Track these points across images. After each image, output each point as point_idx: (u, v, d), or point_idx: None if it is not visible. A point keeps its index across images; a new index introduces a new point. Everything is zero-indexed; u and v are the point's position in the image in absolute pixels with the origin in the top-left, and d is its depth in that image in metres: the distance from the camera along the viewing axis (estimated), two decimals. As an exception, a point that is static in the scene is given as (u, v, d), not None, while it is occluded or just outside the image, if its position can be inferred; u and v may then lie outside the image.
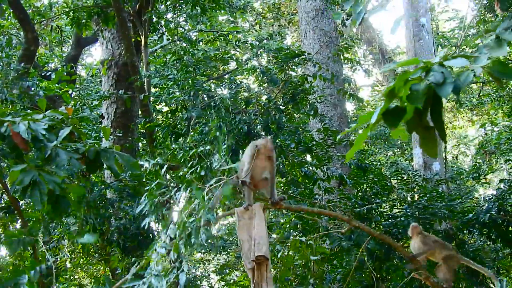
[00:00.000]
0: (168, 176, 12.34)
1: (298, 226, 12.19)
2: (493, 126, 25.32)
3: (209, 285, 24.39)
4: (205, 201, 6.60)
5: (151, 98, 14.67)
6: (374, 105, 32.26)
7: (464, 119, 30.76)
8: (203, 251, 21.17)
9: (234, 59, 16.90)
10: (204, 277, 24.78)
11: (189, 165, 7.14)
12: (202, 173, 6.97)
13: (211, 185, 7.05)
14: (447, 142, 28.42)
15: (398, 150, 27.88)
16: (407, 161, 25.78)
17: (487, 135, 25.40)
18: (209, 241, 6.78)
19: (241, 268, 21.39)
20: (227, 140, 6.48)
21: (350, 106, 29.44)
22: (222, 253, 22.07)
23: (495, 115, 25.70)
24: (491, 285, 12.45)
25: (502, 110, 23.06)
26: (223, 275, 22.63)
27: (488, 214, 11.84)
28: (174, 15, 17.62)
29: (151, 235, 12.36)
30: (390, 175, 15.65)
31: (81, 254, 13.81)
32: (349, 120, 21.32)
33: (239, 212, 7.66)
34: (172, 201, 7.27)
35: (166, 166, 7.43)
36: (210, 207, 6.81)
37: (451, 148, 31.17)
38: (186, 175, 6.87)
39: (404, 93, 4.67)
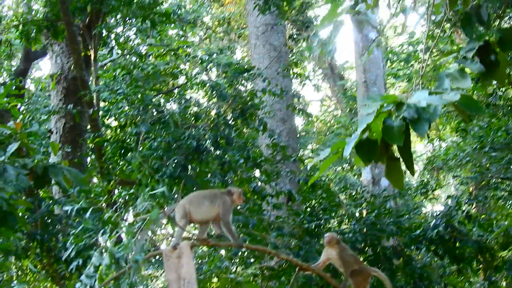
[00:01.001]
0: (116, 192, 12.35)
1: (247, 242, 12.19)
2: (441, 142, 25.60)
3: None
4: (131, 241, 6.50)
5: (100, 113, 14.56)
6: (322, 120, 32.46)
7: (412, 134, 31.01)
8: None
9: (184, 73, 16.84)
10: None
11: (114, 208, 7.08)
12: (129, 215, 6.90)
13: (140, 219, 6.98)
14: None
15: (347, 165, 28.00)
16: (356, 176, 25.89)
17: (435, 151, 25.67)
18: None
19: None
20: (150, 182, 6.44)
21: (299, 121, 29.61)
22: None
23: (443, 130, 25.97)
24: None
25: (450, 126, 23.25)
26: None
27: (436, 230, 11.99)
28: (124, 29, 17.55)
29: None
30: (338, 190, 15.75)
31: (28, 271, 13.67)
32: (298, 135, 21.38)
33: (167, 252, 7.55)
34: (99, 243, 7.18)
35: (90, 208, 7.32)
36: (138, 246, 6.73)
37: (399, 163, 31.39)
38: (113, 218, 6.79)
39: (375, 126, 4.66)
